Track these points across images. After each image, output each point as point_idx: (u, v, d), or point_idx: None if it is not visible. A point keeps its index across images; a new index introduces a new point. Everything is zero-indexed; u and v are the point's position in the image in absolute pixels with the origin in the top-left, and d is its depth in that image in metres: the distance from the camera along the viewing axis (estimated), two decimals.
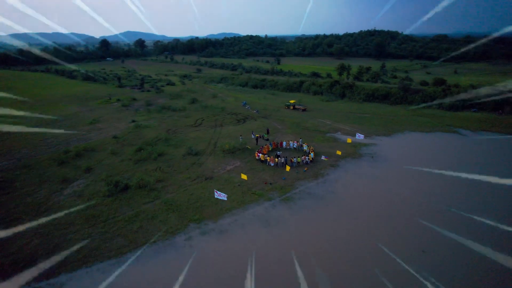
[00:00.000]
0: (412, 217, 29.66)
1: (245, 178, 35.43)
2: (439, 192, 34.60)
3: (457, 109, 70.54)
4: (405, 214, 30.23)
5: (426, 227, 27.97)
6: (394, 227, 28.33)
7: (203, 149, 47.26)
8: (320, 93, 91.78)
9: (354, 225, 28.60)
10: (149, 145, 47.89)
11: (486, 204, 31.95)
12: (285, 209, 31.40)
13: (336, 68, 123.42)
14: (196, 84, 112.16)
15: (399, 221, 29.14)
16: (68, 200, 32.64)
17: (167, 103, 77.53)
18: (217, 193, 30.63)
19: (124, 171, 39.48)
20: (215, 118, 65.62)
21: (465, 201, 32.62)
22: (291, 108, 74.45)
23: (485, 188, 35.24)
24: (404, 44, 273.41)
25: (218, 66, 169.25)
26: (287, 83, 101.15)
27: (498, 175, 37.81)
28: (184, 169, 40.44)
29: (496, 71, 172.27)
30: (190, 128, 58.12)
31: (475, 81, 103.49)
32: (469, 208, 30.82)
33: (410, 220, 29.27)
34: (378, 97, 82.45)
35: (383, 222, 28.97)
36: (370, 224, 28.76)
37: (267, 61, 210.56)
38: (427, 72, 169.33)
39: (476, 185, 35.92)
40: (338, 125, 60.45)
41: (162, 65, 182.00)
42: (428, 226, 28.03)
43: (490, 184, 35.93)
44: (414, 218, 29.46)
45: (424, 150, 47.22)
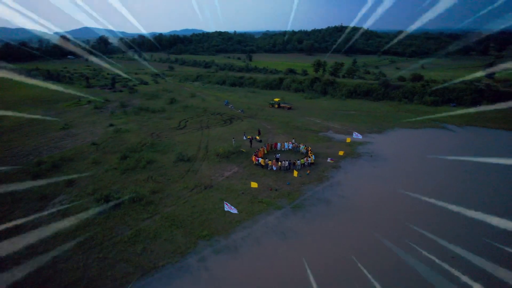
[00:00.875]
0: (432, 219, 28.69)
1: (255, 186, 32.91)
2: (449, 190, 34.11)
3: (437, 104, 72.06)
4: (423, 216, 29.22)
5: (452, 231, 27.06)
6: (415, 230, 27.15)
7: (194, 154, 44.03)
8: (301, 90, 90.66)
9: (378, 233, 27.09)
10: (134, 152, 43.93)
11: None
12: (299, 218, 29.33)
13: (312, 65, 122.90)
14: (171, 82, 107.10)
15: (419, 224, 28.03)
16: (51, 222, 28.45)
17: (144, 104, 72.73)
18: (227, 205, 27.90)
19: (111, 183, 35.49)
20: (200, 119, 62.20)
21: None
22: (276, 107, 72.52)
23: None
24: (371, 40, 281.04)
25: (190, 63, 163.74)
26: (266, 80, 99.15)
27: (498, 171, 38.23)
28: (179, 177, 37.16)
29: (457, 65, 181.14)
30: (175, 131, 54.39)
31: (445, 76, 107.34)
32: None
33: (431, 222, 28.27)
34: (360, 94, 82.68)
35: (405, 227, 27.71)
36: (393, 230, 27.39)
37: (238, 58, 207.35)
38: (397, 67, 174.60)
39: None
40: (328, 124, 59.34)
41: (131, 63, 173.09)
42: (455, 228, 27.15)
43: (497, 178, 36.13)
44: (433, 220, 28.50)
45: (418, 147, 47.08)
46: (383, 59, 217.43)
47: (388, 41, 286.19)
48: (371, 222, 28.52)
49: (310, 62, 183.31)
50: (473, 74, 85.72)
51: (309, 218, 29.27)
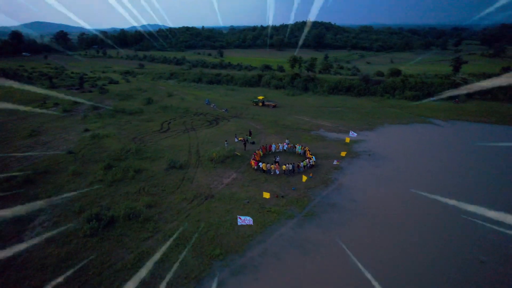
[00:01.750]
0: (451, 216, 27.85)
1: (267, 196, 30.41)
2: (458, 186, 33.68)
3: (419, 98, 73.19)
4: (439, 215, 28.34)
5: (478, 231, 26.27)
6: (436, 232, 26.14)
7: (186, 160, 40.74)
8: (282, 87, 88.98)
9: (400, 237, 25.74)
10: (118, 160, 39.90)
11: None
12: (314, 227, 27.37)
13: (288, 60, 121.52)
14: (143, 81, 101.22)
15: (436, 224, 27.07)
16: (34, 248, 24.38)
17: (119, 105, 67.51)
18: (240, 219, 25.32)
19: (99, 198, 31.55)
20: (182, 120, 58.49)
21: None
22: (260, 105, 70.22)
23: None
24: (339, 35, 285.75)
25: (159, 60, 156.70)
26: (245, 77, 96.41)
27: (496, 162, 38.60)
28: (174, 187, 33.88)
29: (423, 60, 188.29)
30: (158, 135, 50.49)
31: (419, 71, 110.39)
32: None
33: (450, 219, 27.40)
34: (341, 90, 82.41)
35: (425, 229, 26.61)
36: (415, 233, 26.16)
37: (209, 54, 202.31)
38: (367, 62, 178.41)
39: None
40: (317, 122, 58.02)
41: (95, 60, 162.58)
42: (478, 228, 26.37)
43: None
44: (453, 218, 27.67)
45: (413, 144, 46.97)
46: (353, 53, 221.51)
47: (355, 36, 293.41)
48: (389, 227, 27.15)
49: (282, 57, 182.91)
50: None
51: (324, 227, 27.40)
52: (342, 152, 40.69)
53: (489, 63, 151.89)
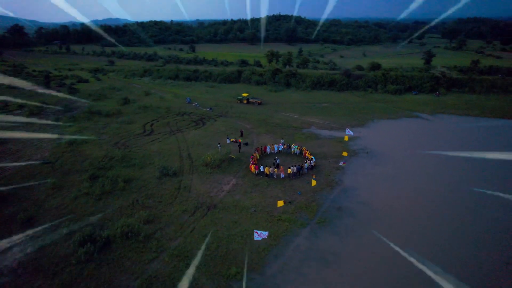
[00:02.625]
0: (472, 212, 27.30)
1: (281, 204, 28.35)
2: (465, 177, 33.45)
3: (401, 92, 73.96)
4: (453, 211, 27.75)
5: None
6: (456, 230, 25.47)
7: (178, 165, 37.82)
8: (263, 83, 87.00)
9: (417, 240, 24.74)
10: (103, 169, 36.25)
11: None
12: (330, 235, 25.86)
13: (265, 55, 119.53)
14: (116, 79, 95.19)
15: (455, 221, 26.43)
16: (15, 282, 20.95)
17: (93, 106, 62.45)
18: (257, 233, 23.16)
19: (88, 215, 28.14)
20: (166, 121, 54.96)
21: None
22: (245, 102, 67.86)
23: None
24: (310, 29, 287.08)
25: (130, 56, 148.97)
26: (224, 73, 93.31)
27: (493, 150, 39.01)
28: (171, 198, 31.06)
29: (393, 53, 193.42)
30: (142, 138, 46.88)
31: (396, 64, 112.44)
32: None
33: (472, 217, 26.84)
34: (324, 85, 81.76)
35: (450, 231, 25.85)
36: (437, 237, 25.30)
37: (180, 49, 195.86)
38: (341, 55, 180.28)
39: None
40: (307, 119, 56.70)
41: (58, 57, 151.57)
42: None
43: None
44: (477, 214, 27.14)
45: (407, 139, 46.91)
46: (325, 47, 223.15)
47: (326, 30, 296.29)
48: (406, 232, 26.14)
49: (257, 52, 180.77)
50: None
51: (341, 235, 25.95)
52: (344, 152, 39.42)
53: (456, 56, 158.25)
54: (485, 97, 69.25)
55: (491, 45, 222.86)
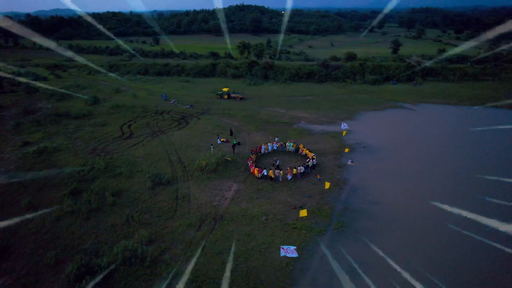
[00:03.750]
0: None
1: (304, 214, 26.12)
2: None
3: (380, 82, 74.37)
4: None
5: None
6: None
7: (170, 172, 34.42)
8: (240, 76, 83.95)
9: (441, 241, 23.83)
10: (85, 182, 32.09)
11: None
12: (352, 242, 24.27)
13: (236, 47, 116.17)
14: (79, 76, 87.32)
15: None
16: None
17: (59, 108, 56.32)
18: (283, 249, 20.92)
19: (77, 239, 24.35)
20: (144, 121, 50.66)
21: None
22: (226, 98, 64.69)
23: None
24: (274, 19, 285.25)
25: (90, 50, 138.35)
26: (197, 67, 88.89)
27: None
28: (171, 211, 27.91)
29: (360, 42, 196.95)
30: (123, 142, 42.59)
31: (362, 54, 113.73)
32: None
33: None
34: (302, 76, 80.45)
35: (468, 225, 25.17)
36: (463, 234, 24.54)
37: (143, 42, 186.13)
38: (309, 46, 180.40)
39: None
40: (294, 113, 54.94)
41: (3, 52, 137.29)
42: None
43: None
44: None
45: (397, 130, 46.95)
46: (292, 37, 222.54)
47: (290, 20, 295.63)
48: (430, 232, 25.19)
49: (225, 43, 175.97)
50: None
51: (363, 241, 24.43)
52: (346, 149, 38.03)
53: (418, 45, 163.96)
54: (459, 85, 71.50)
55: (446, 34, 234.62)
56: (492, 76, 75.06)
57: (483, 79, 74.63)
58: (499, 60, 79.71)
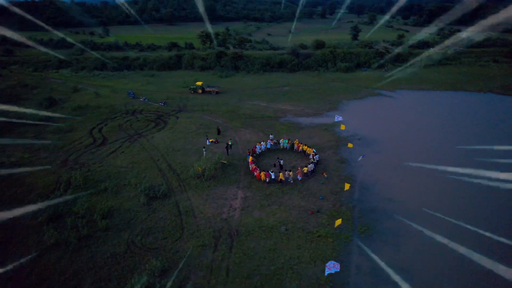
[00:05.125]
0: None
1: (339, 222, 23.89)
2: None
3: (352, 70, 74.41)
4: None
5: None
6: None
7: (163, 183, 30.55)
8: (209, 68, 79.48)
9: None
10: (64, 203, 27.26)
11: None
12: (383, 246, 22.92)
13: (198, 36, 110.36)
14: (24, 73, 76.83)
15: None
16: None
17: (10, 114, 48.50)
18: (328, 268, 18.76)
19: (72, 278, 20.18)
20: (117, 123, 45.32)
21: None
22: (200, 92, 60.49)
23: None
24: (228, 6, 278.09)
25: (29, 44, 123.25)
26: (161, 59, 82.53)
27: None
28: (177, 230, 24.45)
29: (317, 29, 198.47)
30: (97, 150, 37.41)
31: (327, 40, 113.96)
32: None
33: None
34: (274, 66, 78.16)
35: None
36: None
37: (91, 33, 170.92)
38: (267, 33, 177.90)
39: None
40: (277, 106, 52.66)
41: None
42: None
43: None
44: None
45: (385, 119, 46.64)
46: (249, 25, 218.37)
47: (243, 7, 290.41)
48: (452, 226, 24.53)
49: (182, 33, 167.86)
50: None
51: (393, 243, 23.22)
52: (349, 144, 36.53)
53: (376, 31, 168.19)
54: (426, 70, 73.80)
55: (394, 19, 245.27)
56: (453, 60, 78.53)
57: (445, 63, 77.79)
58: (457, 45, 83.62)
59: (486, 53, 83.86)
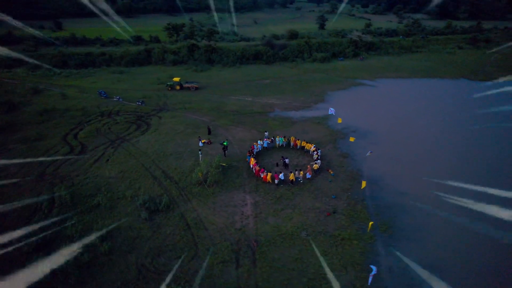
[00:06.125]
0: None
1: (371, 225, 22.71)
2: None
3: (329, 60, 74.14)
4: None
5: None
6: None
7: (160, 193, 27.85)
8: (181, 62, 75.49)
9: None
10: (53, 226, 23.84)
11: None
12: (408, 243, 22.54)
13: (164, 29, 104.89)
14: None
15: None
16: None
17: None
18: (372, 276, 17.57)
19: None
20: (93, 127, 41.11)
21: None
22: (178, 88, 56.99)
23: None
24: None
25: None
26: (128, 54, 76.84)
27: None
28: (189, 246, 22.19)
29: (281, 19, 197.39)
30: (78, 160, 33.47)
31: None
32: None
33: None
34: (249, 58, 75.96)
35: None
36: None
37: (41, 27, 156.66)
38: (232, 24, 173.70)
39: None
40: (263, 100, 50.92)
41: None
42: None
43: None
44: None
45: (373, 109, 46.90)
46: (211, 16, 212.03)
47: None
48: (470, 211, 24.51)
49: (143, 26, 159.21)
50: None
51: (417, 239, 22.94)
52: (351, 138, 35.63)
53: (340, 20, 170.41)
54: (399, 57, 75.45)
55: (354, 8, 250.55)
56: (422, 48, 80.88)
57: (416, 51, 79.98)
58: (423, 32, 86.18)
59: (451, 40, 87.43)
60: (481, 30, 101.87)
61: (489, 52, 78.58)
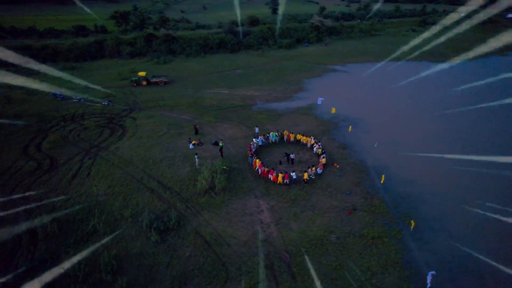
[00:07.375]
0: None
1: (413, 224, 21.84)
2: None
3: (294, 46, 73.22)
4: None
5: None
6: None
7: (164, 208, 24.86)
8: (140, 54, 69.50)
9: None
10: (52, 260, 20.01)
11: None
12: (435, 237, 22.42)
13: (110, 17, 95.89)
14: None
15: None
16: None
17: None
18: (430, 279, 16.95)
19: None
20: (58, 136, 35.76)
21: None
22: (144, 84, 52.20)
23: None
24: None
25: None
26: (78, 47, 68.62)
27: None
28: (217, 269, 19.92)
29: (230, 4, 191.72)
30: (51, 177, 28.75)
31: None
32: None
33: None
34: (213, 47, 72.34)
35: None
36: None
37: None
38: (181, 10, 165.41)
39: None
40: (241, 92, 48.73)
41: None
42: None
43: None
44: None
45: (354, 96, 47.36)
46: (156, 2, 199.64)
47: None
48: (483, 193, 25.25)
49: (80, 14, 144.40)
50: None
51: (442, 229, 22.91)
52: (350, 127, 34.96)
53: (292, 4, 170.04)
54: (360, 41, 76.95)
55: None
56: (380, 31, 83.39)
57: (375, 34, 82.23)
58: (378, 16, 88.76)
59: (404, 23, 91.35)
60: (426, 13, 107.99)
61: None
